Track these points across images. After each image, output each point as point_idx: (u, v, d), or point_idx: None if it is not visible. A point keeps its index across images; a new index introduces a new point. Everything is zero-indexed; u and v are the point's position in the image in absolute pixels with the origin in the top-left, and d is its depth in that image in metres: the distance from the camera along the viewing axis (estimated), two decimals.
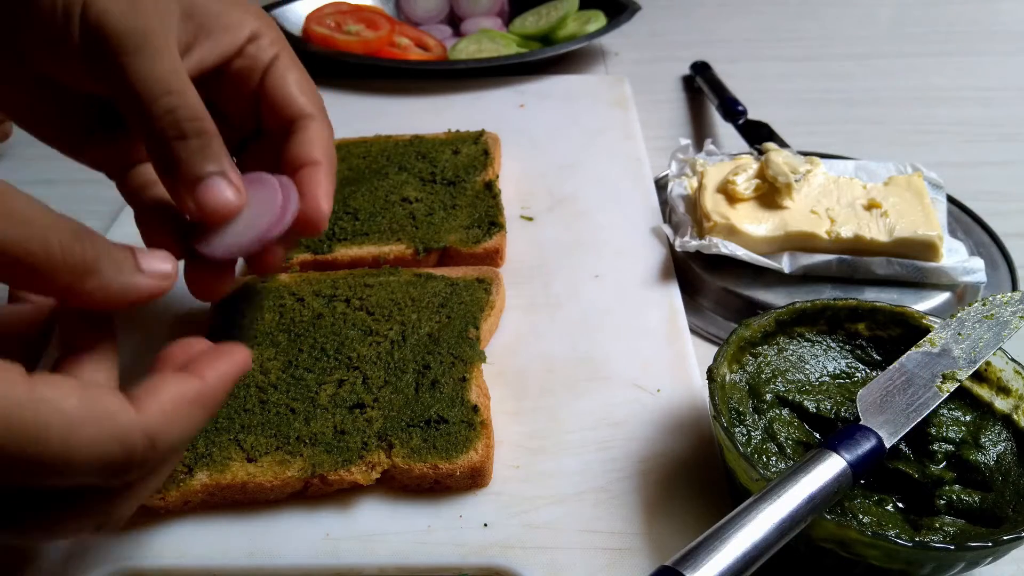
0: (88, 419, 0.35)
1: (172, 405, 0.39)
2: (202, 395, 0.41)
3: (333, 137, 0.57)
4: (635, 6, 1.17)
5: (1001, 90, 1.08)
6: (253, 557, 0.51)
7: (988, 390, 0.56)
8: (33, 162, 0.97)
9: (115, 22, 0.46)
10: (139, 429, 0.37)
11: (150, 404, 0.38)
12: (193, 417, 0.41)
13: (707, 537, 0.41)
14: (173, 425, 0.39)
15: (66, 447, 0.35)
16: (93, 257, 0.40)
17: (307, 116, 0.55)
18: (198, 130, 0.47)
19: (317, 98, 0.56)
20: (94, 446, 0.36)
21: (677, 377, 0.63)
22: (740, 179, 0.75)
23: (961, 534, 0.48)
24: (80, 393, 0.36)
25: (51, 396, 0.35)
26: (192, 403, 0.40)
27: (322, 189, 0.53)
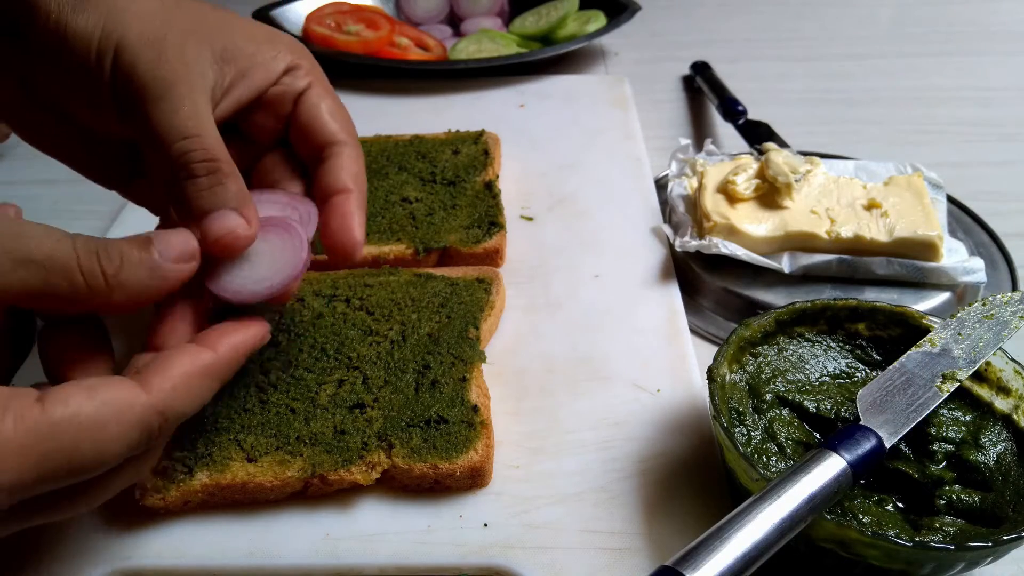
0: (109, 419, 0.38)
1: (181, 379, 0.41)
2: (212, 367, 0.43)
3: (363, 163, 0.57)
4: (635, 6, 1.17)
5: (1001, 90, 1.08)
6: (253, 557, 0.51)
7: (988, 390, 0.56)
8: (33, 162, 0.96)
9: (143, 71, 0.47)
10: (152, 410, 0.40)
11: (159, 382, 0.41)
12: (203, 388, 0.43)
13: (707, 537, 0.41)
14: (182, 398, 0.42)
15: (97, 451, 0.38)
16: (114, 272, 0.42)
17: (338, 143, 0.55)
18: (210, 170, 0.48)
19: (349, 125, 0.57)
20: (120, 440, 0.39)
21: (677, 377, 0.63)
22: (740, 179, 0.75)
23: (961, 534, 0.48)
24: (91, 397, 0.38)
25: (68, 414, 0.37)
26: (202, 375, 0.43)
27: (355, 219, 0.53)
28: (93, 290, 0.41)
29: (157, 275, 0.43)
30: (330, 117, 0.55)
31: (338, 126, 0.56)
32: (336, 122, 0.56)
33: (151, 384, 0.40)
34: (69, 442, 0.37)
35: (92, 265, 0.41)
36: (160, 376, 0.41)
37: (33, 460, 0.36)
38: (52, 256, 0.40)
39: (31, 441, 0.36)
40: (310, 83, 0.56)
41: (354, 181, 0.54)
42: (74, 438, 0.37)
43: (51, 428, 0.37)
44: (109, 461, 0.39)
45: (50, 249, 0.40)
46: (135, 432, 0.39)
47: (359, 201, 0.54)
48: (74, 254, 0.40)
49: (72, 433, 0.37)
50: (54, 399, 0.37)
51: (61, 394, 0.38)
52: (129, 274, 0.42)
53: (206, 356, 0.43)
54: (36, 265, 0.39)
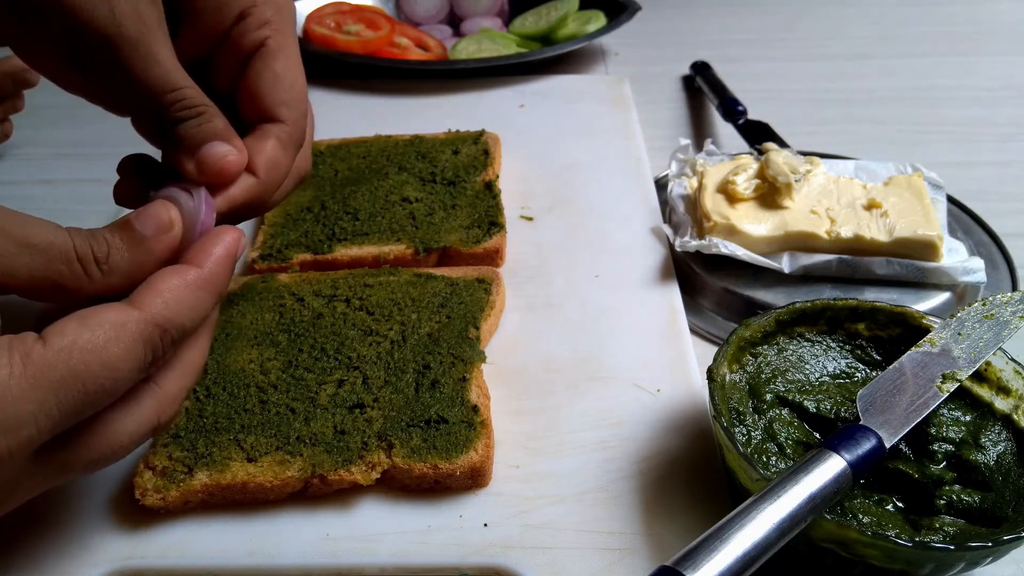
0: (109, 339, 0.40)
1: (172, 293, 0.42)
2: (202, 279, 0.44)
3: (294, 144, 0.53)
4: (635, 6, 1.17)
5: (1001, 90, 1.08)
6: (253, 557, 0.52)
7: (988, 390, 0.56)
8: (33, 162, 0.97)
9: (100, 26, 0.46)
10: (149, 323, 0.41)
11: (150, 299, 0.42)
12: (197, 300, 0.44)
13: (707, 537, 0.41)
14: (178, 309, 0.42)
15: (107, 370, 0.39)
16: (105, 256, 0.43)
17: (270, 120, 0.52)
18: (198, 112, 0.48)
19: (294, 93, 0.53)
20: (125, 358, 0.40)
21: (677, 377, 0.63)
22: (740, 179, 0.75)
23: (961, 534, 0.48)
24: (85, 325, 0.39)
25: (68, 342, 0.39)
26: (194, 287, 0.43)
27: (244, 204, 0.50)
28: (90, 275, 0.42)
29: (144, 250, 0.44)
30: (270, 88, 0.52)
31: (278, 99, 0.52)
32: (276, 94, 0.52)
33: (141, 302, 0.41)
34: (77, 366, 0.38)
35: (87, 251, 0.42)
36: (149, 293, 0.42)
37: (49, 389, 0.38)
38: (52, 242, 0.41)
39: (42, 371, 0.38)
40: (266, 38, 0.52)
41: (266, 171, 0.51)
42: (81, 361, 0.38)
43: (56, 357, 0.38)
44: (122, 378, 0.40)
45: (51, 236, 0.41)
46: (138, 347, 0.40)
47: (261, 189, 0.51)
48: (70, 241, 0.42)
49: (77, 357, 0.38)
50: (51, 332, 0.39)
51: (56, 328, 0.39)
52: (119, 256, 0.43)
53: (191, 271, 0.44)
54: (38, 250, 0.40)
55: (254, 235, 0.78)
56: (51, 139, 1.00)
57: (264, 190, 0.51)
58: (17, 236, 0.40)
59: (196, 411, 0.57)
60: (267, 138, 0.52)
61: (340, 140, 0.87)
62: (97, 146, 0.97)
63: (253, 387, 0.59)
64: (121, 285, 0.44)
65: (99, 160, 0.94)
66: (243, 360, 0.61)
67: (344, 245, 0.73)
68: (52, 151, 0.98)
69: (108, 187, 0.60)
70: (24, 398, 0.37)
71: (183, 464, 0.54)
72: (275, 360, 0.61)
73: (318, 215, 0.76)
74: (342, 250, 0.73)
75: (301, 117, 0.54)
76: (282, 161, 0.52)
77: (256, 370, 0.60)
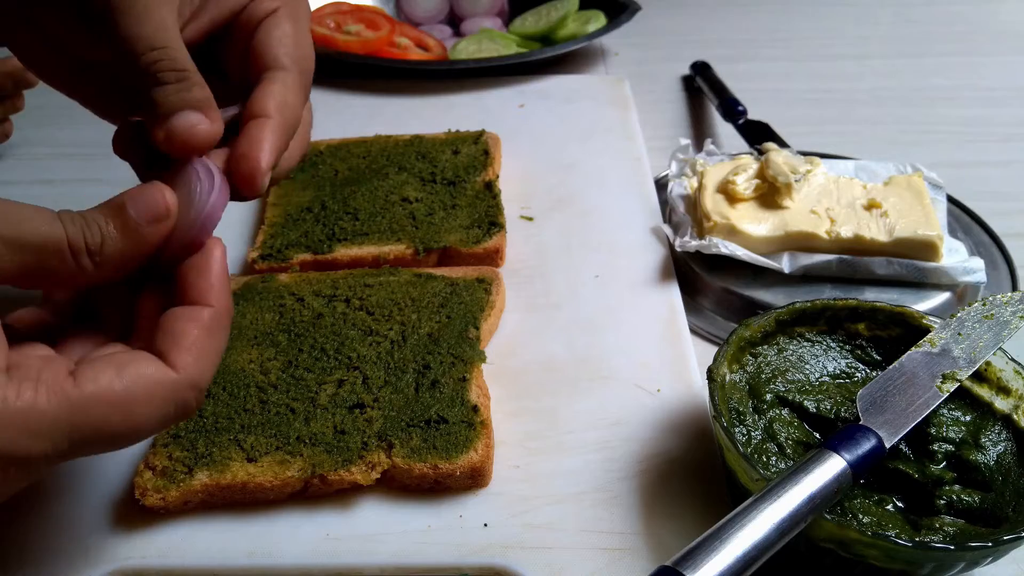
0: (139, 397, 0.40)
1: (199, 347, 0.42)
2: (217, 318, 0.44)
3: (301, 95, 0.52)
4: (635, 6, 1.17)
5: (1001, 90, 1.08)
6: (253, 557, 0.51)
7: (988, 390, 0.56)
8: (33, 162, 0.97)
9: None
10: (185, 385, 0.41)
11: (183, 358, 0.42)
12: (219, 342, 0.44)
13: (707, 537, 0.41)
14: (208, 362, 0.43)
15: (130, 424, 0.40)
16: (97, 247, 0.42)
17: (274, 68, 0.51)
18: (179, 78, 0.47)
19: (300, 53, 0.53)
20: (152, 416, 0.40)
21: (677, 377, 0.63)
22: (740, 179, 0.75)
23: (961, 534, 0.48)
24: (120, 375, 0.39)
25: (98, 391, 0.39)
26: (212, 331, 0.43)
27: (264, 144, 0.48)
28: (82, 267, 0.42)
29: (137, 240, 0.43)
30: (277, 43, 0.52)
31: (282, 52, 0.52)
32: (282, 48, 0.52)
33: (173, 361, 0.41)
34: (99, 417, 0.39)
35: (79, 242, 0.41)
36: (177, 349, 0.42)
37: (66, 431, 0.38)
38: (46, 237, 0.40)
39: (64, 414, 0.38)
40: (276, 8, 0.52)
41: (278, 108, 0.50)
42: (104, 413, 0.39)
43: (83, 402, 0.38)
44: (143, 434, 0.41)
45: (43, 230, 0.40)
46: (168, 407, 0.41)
47: (278, 128, 0.50)
48: (63, 233, 0.41)
49: (103, 408, 0.39)
50: (84, 375, 0.39)
51: (91, 371, 0.39)
52: (112, 247, 0.42)
53: (205, 312, 0.43)
54: (31, 248, 0.40)
55: (254, 235, 0.78)
56: (51, 139, 1.00)
57: (283, 130, 0.50)
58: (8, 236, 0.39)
59: (196, 411, 0.57)
60: (273, 82, 0.51)
61: (340, 140, 0.87)
62: (97, 146, 0.97)
63: (253, 387, 0.59)
64: (115, 275, 0.43)
65: (99, 160, 0.95)
66: (243, 360, 0.61)
67: (344, 245, 0.73)
68: (52, 151, 0.98)
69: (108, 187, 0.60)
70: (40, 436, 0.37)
71: (183, 464, 0.54)
72: (275, 360, 0.61)
73: (318, 215, 0.76)
74: (342, 250, 0.73)
75: (306, 70, 0.53)
76: (291, 102, 0.51)
77: (256, 370, 0.60)
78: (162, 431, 0.43)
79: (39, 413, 0.37)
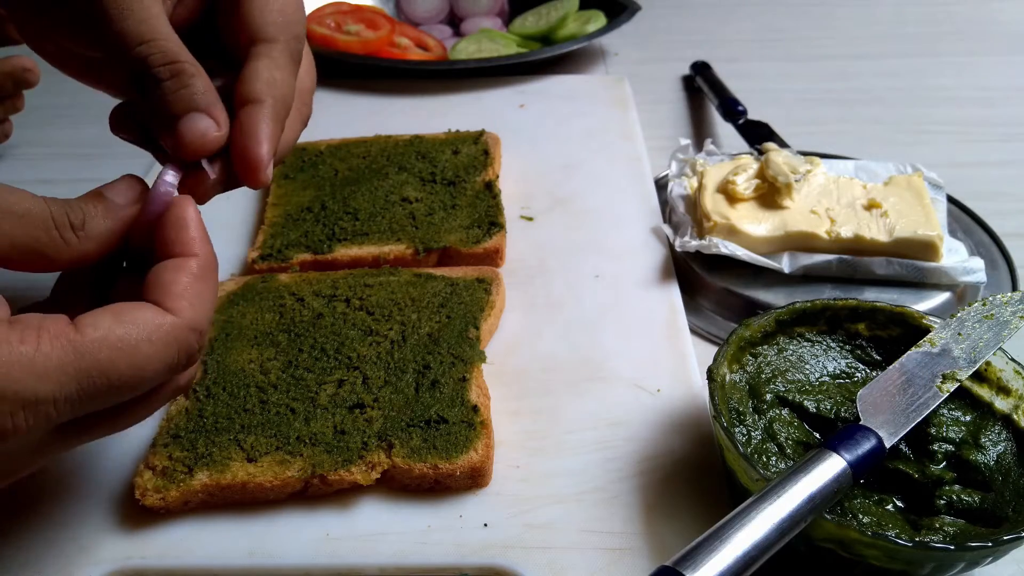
0: (141, 339, 0.40)
1: (191, 291, 0.43)
2: (204, 266, 0.44)
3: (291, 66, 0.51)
4: (635, 6, 1.17)
5: (1001, 90, 1.08)
6: (253, 557, 0.52)
7: (988, 390, 0.56)
8: (33, 162, 0.97)
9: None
10: (184, 327, 0.42)
11: (177, 303, 0.42)
12: (210, 288, 0.44)
13: (707, 537, 0.41)
14: (202, 307, 0.43)
15: (135, 370, 0.39)
16: (81, 223, 0.43)
17: (259, 41, 0.50)
18: (174, 72, 0.46)
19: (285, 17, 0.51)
20: (156, 359, 0.40)
21: (677, 377, 0.63)
22: (740, 179, 0.75)
23: (961, 534, 0.48)
24: (119, 321, 0.40)
25: (100, 335, 0.39)
26: (201, 278, 0.44)
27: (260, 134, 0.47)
28: (68, 242, 0.42)
29: (117, 218, 0.44)
30: (259, 11, 0.50)
31: (267, 20, 0.50)
32: (266, 15, 0.50)
33: (169, 306, 0.42)
34: (106, 360, 0.38)
35: (63, 218, 0.42)
36: (170, 296, 0.42)
37: (72, 375, 0.38)
38: (30, 210, 0.41)
39: (69, 358, 0.38)
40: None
41: (268, 89, 0.48)
42: (109, 357, 0.39)
43: (86, 346, 0.38)
44: (150, 379, 0.41)
45: (28, 204, 0.41)
46: (171, 349, 0.41)
47: (271, 113, 0.48)
48: (47, 209, 0.42)
49: (107, 352, 0.38)
50: (84, 322, 0.39)
51: (90, 318, 0.39)
52: (94, 223, 0.43)
53: (191, 261, 0.44)
54: (16, 217, 0.40)
55: (254, 235, 0.78)
56: (51, 139, 1.00)
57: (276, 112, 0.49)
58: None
59: (196, 411, 0.57)
60: (259, 58, 0.49)
61: (340, 140, 0.87)
62: (97, 146, 0.97)
63: (253, 387, 0.59)
64: (97, 251, 0.44)
65: (99, 160, 0.95)
66: (243, 360, 0.61)
67: (344, 245, 0.73)
68: (52, 151, 0.98)
69: None
70: (47, 378, 0.37)
71: (183, 464, 0.54)
72: (275, 360, 0.61)
73: (318, 215, 0.76)
74: (342, 250, 0.73)
75: (294, 37, 0.51)
76: (281, 79, 0.50)
77: (256, 370, 0.60)
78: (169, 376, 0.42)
79: (44, 356, 0.37)
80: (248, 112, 0.48)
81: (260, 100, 0.48)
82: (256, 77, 0.48)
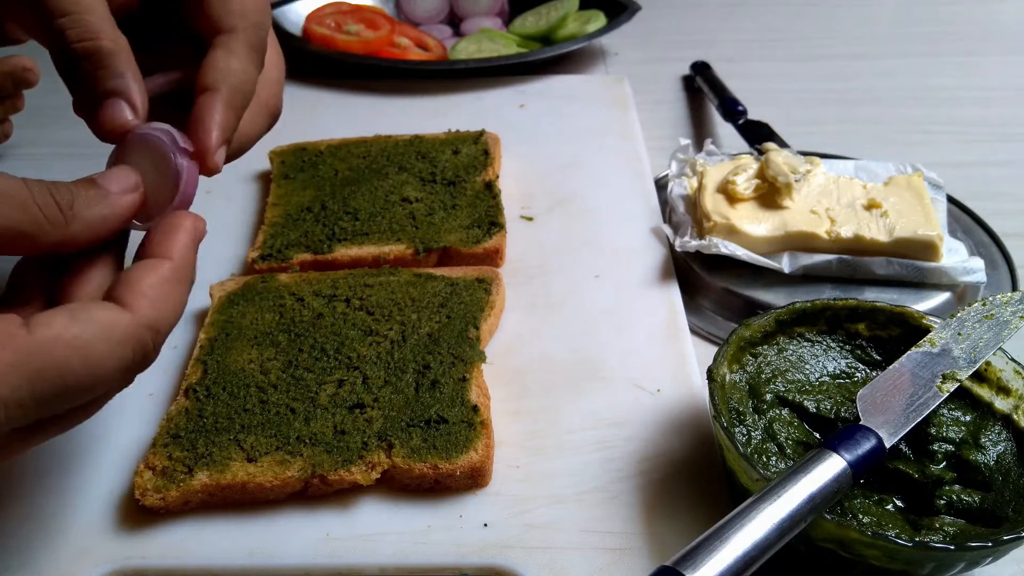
0: (95, 338, 0.39)
1: (156, 291, 0.42)
2: (177, 271, 0.43)
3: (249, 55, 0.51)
4: (635, 6, 1.17)
5: (1001, 90, 1.08)
6: (253, 557, 0.51)
7: (988, 390, 0.56)
8: (33, 162, 0.96)
9: None
10: (141, 325, 0.40)
11: (137, 300, 0.41)
12: (178, 294, 0.43)
13: (707, 537, 0.41)
14: (165, 308, 0.42)
15: (89, 368, 0.39)
16: (69, 203, 0.42)
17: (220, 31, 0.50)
18: (92, 50, 0.45)
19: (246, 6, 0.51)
20: (111, 357, 0.39)
21: (677, 377, 0.63)
22: (740, 179, 0.75)
23: (961, 534, 0.48)
24: (74, 320, 0.39)
25: (53, 335, 0.38)
26: (173, 281, 0.43)
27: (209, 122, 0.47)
28: (52, 222, 0.41)
29: (109, 203, 0.44)
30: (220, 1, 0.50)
31: (228, 10, 0.50)
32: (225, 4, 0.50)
33: (129, 303, 0.41)
34: (59, 360, 0.38)
35: (47, 199, 0.41)
36: (132, 293, 0.41)
37: (24, 377, 0.37)
38: (5, 192, 0.40)
39: (20, 359, 0.37)
40: None
41: (223, 77, 0.49)
42: (63, 356, 0.38)
43: (38, 347, 0.37)
44: (104, 379, 0.40)
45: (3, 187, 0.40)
46: (126, 349, 0.40)
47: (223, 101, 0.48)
48: (27, 190, 0.40)
49: (60, 352, 0.38)
50: (37, 321, 0.38)
51: (44, 318, 0.38)
52: (84, 205, 0.42)
53: (164, 264, 0.43)
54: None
55: (254, 235, 0.78)
56: (51, 139, 0.99)
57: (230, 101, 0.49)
58: None
59: (196, 411, 0.57)
60: (217, 48, 0.50)
61: (340, 140, 0.87)
62: (97, 146, 0.97)
63: (253, 387, 0.59)
64: (85, 236, 0.43)
65: (99, 160, 0.94)
66: (243, 360, 0.61)
67: (344, 245, 0.73)
68: (52, 151, 0.98)
69: None
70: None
71: (183, 464, 0.54)
72: (275, 360, 0.61)
73: (318, 215, 0.76)
74: (342, 250, 0.73)
75: (253, 25, 0.51)
76: (238, 67, 0.50)
77: (256, 370, 0.60)
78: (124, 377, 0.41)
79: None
80: (200, 101, 0.48)
81: (214, 88, 0.48)
82: (212, 66, 0.49)
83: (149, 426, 0.60)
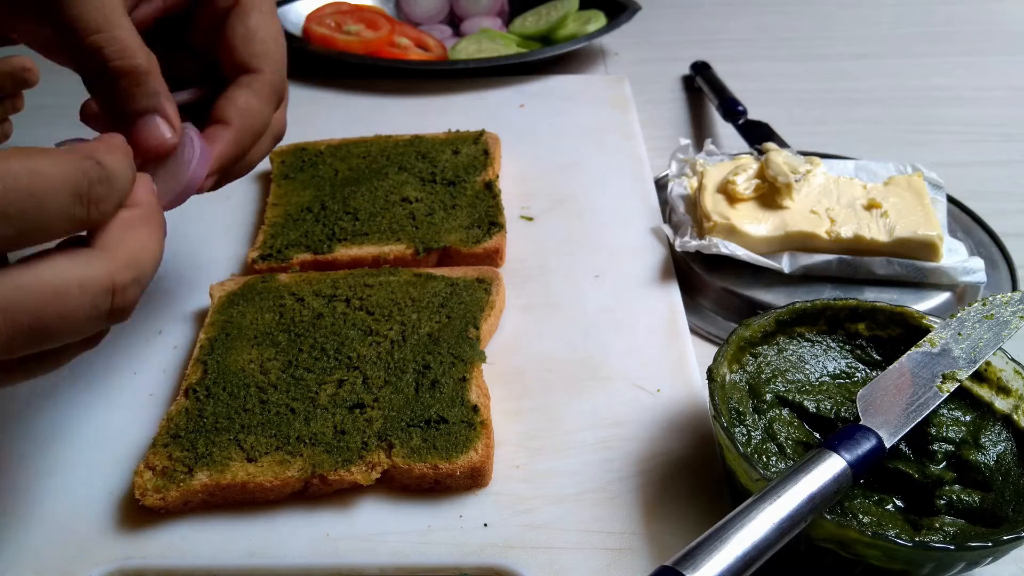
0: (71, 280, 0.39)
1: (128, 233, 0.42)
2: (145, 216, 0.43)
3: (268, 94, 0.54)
4: (635, 6, 1.17)
5: (1001, 90, 1.08)
6: (253, 557, 0.52)
7: (988, 390, 0.56)
8: None
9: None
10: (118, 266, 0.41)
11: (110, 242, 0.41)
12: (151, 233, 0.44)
13: (707, 537, 0.41)
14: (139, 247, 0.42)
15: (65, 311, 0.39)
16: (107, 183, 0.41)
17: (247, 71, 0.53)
18: (128, 68, 0.46)
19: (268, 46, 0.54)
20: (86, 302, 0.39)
21: (677, 377, 0.63)
22: (740, 179, 0.75)
23: (961, 534, 0.48)
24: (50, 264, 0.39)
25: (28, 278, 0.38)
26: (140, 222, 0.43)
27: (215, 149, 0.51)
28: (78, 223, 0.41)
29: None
30: (246, 41, 0.53)
31: (254, 51, 0.53)
32: (253, 46, 0.53)
33: (102, 244, 0.41)
34: (34, 303, 0.38)
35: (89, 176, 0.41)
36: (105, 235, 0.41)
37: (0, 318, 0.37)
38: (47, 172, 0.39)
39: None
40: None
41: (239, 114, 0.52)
42: (38, 300, 0.38)
43: (13, 288, 0.37)
44: (79, 323, 0.40)
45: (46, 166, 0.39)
46: (104, 294, 0.40)
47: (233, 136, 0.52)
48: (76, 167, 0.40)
49: (35, 295, 0.38)
50: (12, 268, 0.38)
51: (19, 264, 0.39)
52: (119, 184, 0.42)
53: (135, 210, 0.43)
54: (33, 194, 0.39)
55: (254, 235, 0.78)
56: (51, 139, 0.99)
57: (239, 138, 0.52)
58: None
59: (196, 411, 0.57)
60: (240, 87, 0.52)
61: (340, 140, 0.87)
62: None
63: (253, 387, 0.59)
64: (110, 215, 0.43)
65: None
66: (243, 360, 0.61)
67: (344, 245, 0.73)
68: None
69: None
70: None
71: (183, 464, 0.54)
72: (275, 360, 0.61)
73: (318, 215, 0.76)
74: (342, 250, 0.73)
75: (277, 70, 0.54)
76: (256, 109, 0.53)
77: (256, 370, 0.60)
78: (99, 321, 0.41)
79: None
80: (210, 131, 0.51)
81: (227, 123, 0.52)
82: (232, 102, 0.52)
83: (149, 426, 0.60)
